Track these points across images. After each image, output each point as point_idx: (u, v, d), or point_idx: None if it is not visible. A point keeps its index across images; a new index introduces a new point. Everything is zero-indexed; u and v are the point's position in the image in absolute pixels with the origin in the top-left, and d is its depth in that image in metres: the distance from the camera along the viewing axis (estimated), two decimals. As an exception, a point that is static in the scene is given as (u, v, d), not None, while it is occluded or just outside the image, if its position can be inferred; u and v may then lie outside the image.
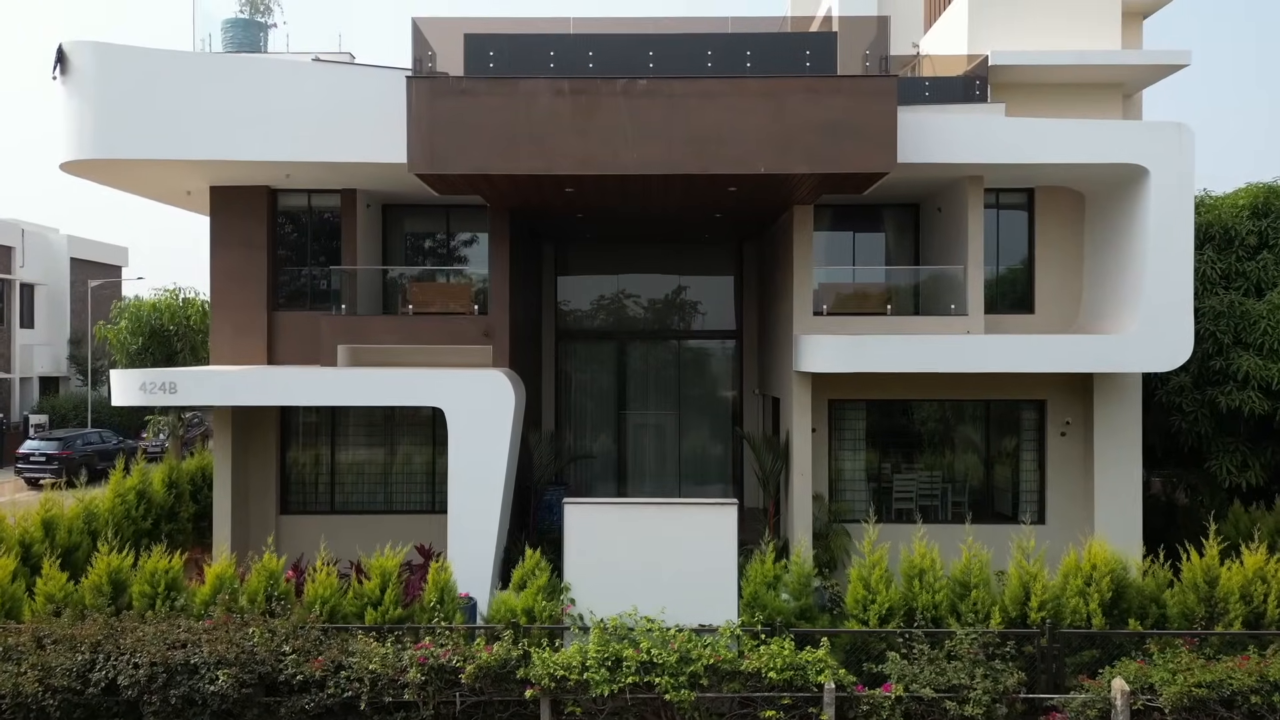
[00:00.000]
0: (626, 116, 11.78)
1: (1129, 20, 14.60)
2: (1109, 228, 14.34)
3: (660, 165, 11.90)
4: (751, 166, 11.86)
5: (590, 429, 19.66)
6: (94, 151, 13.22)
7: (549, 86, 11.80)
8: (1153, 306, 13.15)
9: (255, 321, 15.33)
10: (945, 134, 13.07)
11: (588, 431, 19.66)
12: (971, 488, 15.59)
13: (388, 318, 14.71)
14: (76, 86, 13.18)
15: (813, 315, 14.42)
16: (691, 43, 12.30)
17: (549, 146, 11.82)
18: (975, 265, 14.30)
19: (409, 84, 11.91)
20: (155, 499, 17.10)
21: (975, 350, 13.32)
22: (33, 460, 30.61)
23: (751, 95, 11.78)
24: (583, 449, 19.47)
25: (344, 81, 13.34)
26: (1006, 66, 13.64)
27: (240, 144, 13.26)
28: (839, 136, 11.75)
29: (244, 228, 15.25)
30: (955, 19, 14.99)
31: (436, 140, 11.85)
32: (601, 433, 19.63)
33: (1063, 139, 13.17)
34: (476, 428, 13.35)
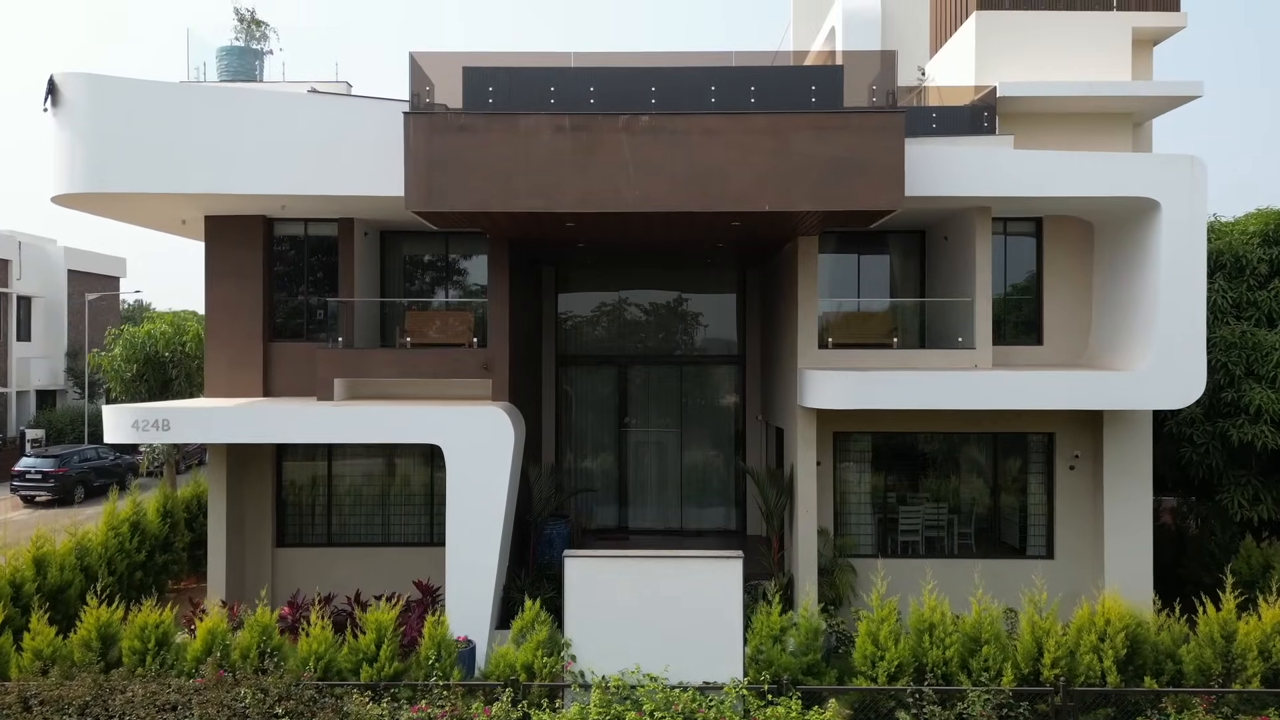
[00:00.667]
0: (628, 153, 11.53)
1: (1139, 47, 14.35)
2: (1119, 259, 14.09)
3: (663, 203, 11.65)
4: (756, 204, 11.61)
5: (591, 454, 19.41)
6: (85, 185, 12.97)
7: (550, 123, 11.56)
8: (1165, 344, 12.90)
9: (251, 353, 15.08)
10: (953, 167, 12.83)
11: (589, 455, 19.42)
12: (978, 520, 15.35)
13: (385, 351, 14.45)
14: (68, 118, 12.94)
15: (818, 349, 14.17)
16: (694, 77, 12.05)
17: (549, 184, 11.57)
18: (983, 298, 14.05)
19: (406, 120, 11.66)
20: (149, 529, 16.88)
21: (984, 387, 13.07)
22: (29, 478, 30.35)
23: (756, 131, 11.53)
24: (584, 476, 19.24)
25: (341, 113, 13.10)
26: (1015, 98, 13.40)
27: (235, 177, 13.02)
28: (845, 173, 11.51)
29: (239, 258, 15.01)
30: (962, 45, 14.74)
31: (435, 178, 11.60)
32: (603, 458, 19.38)
33: (1072, 172, 12.92)
34: (476, 466, 13.12)
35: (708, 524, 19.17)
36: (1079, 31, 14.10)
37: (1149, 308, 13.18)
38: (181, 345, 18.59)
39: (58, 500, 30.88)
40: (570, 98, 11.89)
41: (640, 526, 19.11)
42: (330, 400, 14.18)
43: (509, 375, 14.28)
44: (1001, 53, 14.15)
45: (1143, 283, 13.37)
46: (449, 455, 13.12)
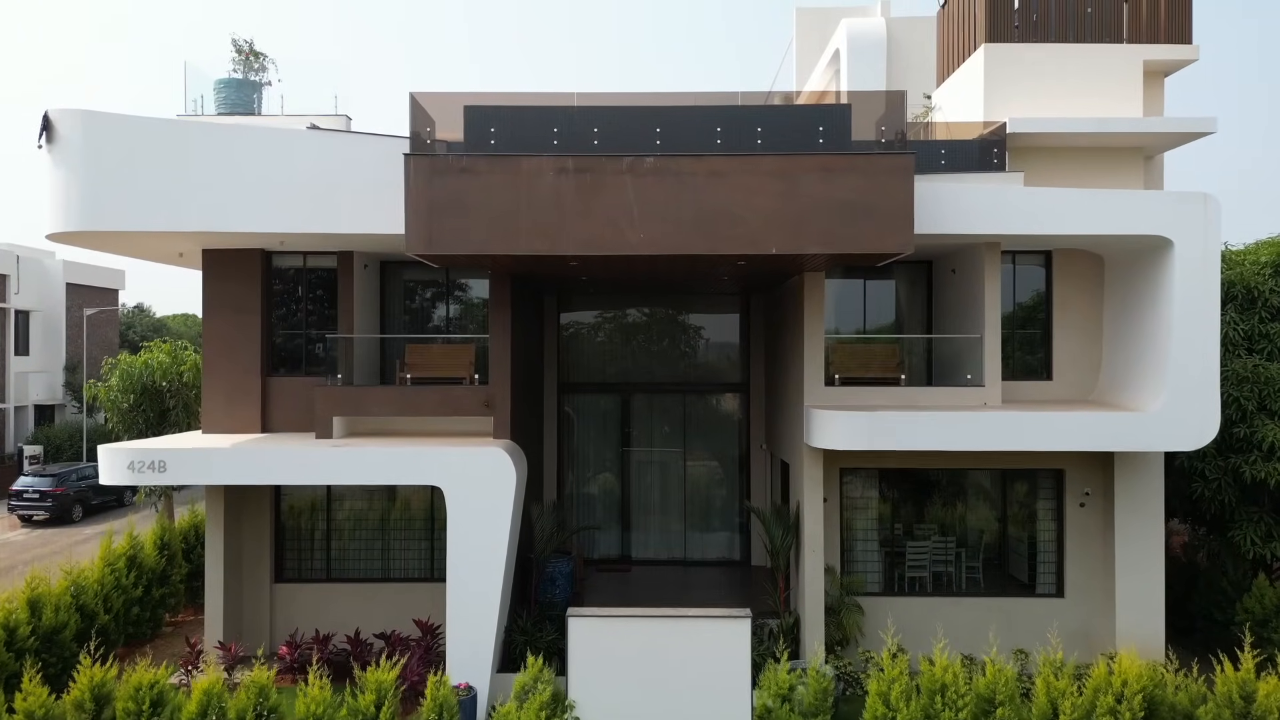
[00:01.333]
0: (633, 195, 11.32)
1: (1150, 78, 14.13)
2: (1130, 294, 13.88)
3: (667, 245, 11.44)
4: (763, 247, 11.40)
5: (594, 481, 19.18)
6: (80, 224, 12.76)
7: (552, 165, 11.34)
8: (1178, 385, 12.68)
9: (248, 388, 14.87)
10: (962, 204, 12.62)
11: (591, 482, 19.19)
12: (987, 555, 15.13)
13: (385, 388, 14.24)
14: (62, 156, 12.72)
15: (824, 385, 13.95)
16: (699, 117, 11.83)
17: (552, 226, 11.36)
18: (992, 334, 13.84)
19: (407, 162, 11.45)
20: (146, 563, 16.68)
21: (995, 429, 12.85)
22: (26, 497, 30.15)
23: (762, 174, 11.31)
24: (586, 503, 19.03)
25: (340, 149, 12.89)
26: (1026, 134, 13.18)
27: (232, 215, 12.81)
28: (854, 216, 11.29)
29: (236, 292, 14.80)
30: (970, 77, 14.53)
31: (435, 221, 11.39)
32: (605, 485, 19.15)
33: (1084, 210, 12.71)
34: (477, 508, 12.91)
35: (712, 553, 18.95)
36: (1089, 64, 13.88)
37: (1162, 347, 12.96)
38: (179, 375, 18.37)
39: (56, 519, 30.70)
40: (573, 138, 11.68)
41: (643, 556, 18.88)
42: (329, 438, 13.99)
43: (510, 412, 14.06)
44: (1010, 85, 13.93)
45: (1155, 321, 13.15)
46: (450, 498, 12.91)
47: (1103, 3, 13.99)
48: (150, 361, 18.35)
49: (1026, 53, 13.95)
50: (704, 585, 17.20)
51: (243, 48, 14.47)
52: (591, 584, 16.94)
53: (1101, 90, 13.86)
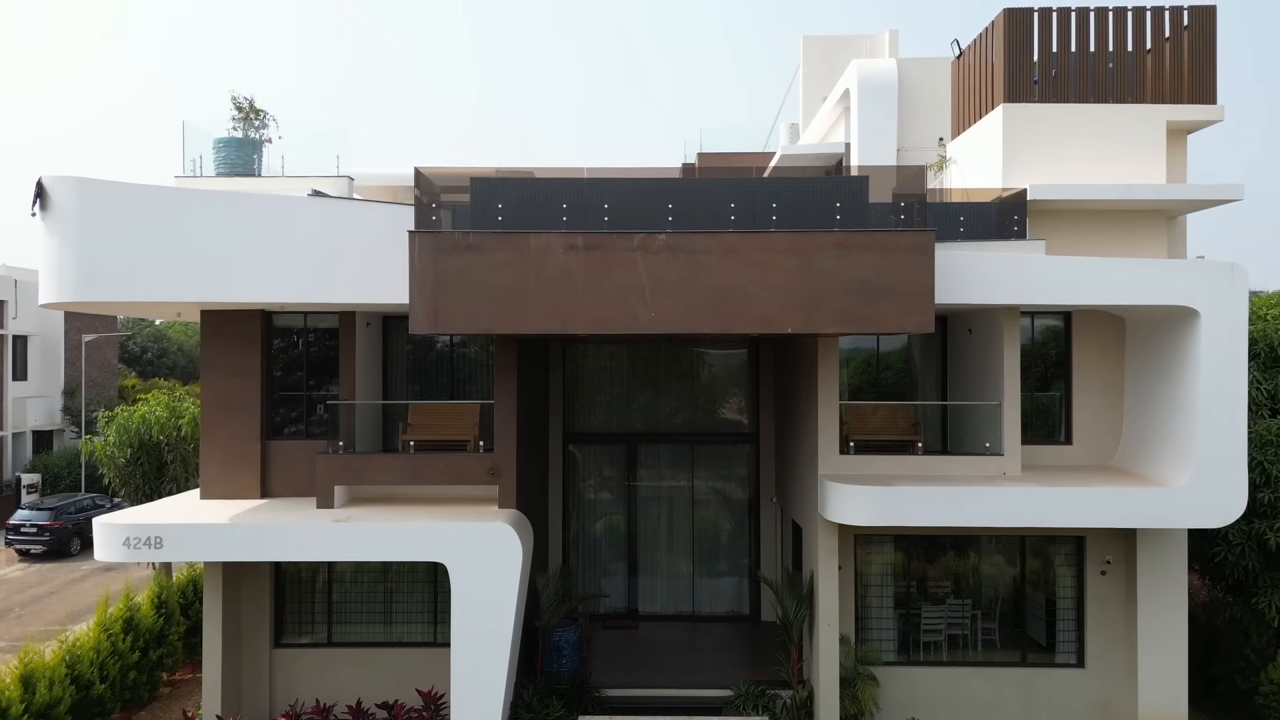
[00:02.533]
0: (644, 273, 10.97)
1: (1173, 135, 13.78)
2: (1153, 361, 13.52)
3: (680, 324, 11.09)
4: (778, 326, 11.05)
5: (600, 534, 18.82)
6: (75, 295, 12.43)
7: (561, 242, 10.99)
8: (1203, 461, 12.33)
9: (248, 452, 14.52)
10: (983, 273, 12.26)
11: (597, 534, 18.82)
12: (1005, 623, 14.77)
13: (388, 456, 13.88)
14: (57, 224, 12.38)
15: (839, 453, 13.59)
16: (712, 191, 11.47)
17: (562, 305, 11.00)
18: (1012, 402, 13.49)
19: (411, 239, 11.10)
20: (143, 625, 16.34)
21: (1015, 504, 12.51)
22: (24, 531, 29.84)
23: (778, 251, 10.96)
24: (591, 549, 18.67)
25: (342, 217, 12.55)
26: (1047, 200, 12.83)
27: (232, 285, 12.47)
28: (872, 295, 10.94)
29: (236, 353, 14.45)
30: (988, 134, 14.17)
31: (440, 299, 11.04)
32: (612, 538, 18.78)
33: (1107, 280, 12.37)
34: (482, 584, 12.57)
35: (720, 607, 18.58)
36: (1111, 125, 13.53)
37: (1186, 421, 12.60)
38: (177, 429, 18.02)
39: (53, 553, 30.35)
40: (583, 213, 11.33)
41: (651, 610, 18.51)
42: (330, 507, 13.64)
43: (516, 480, 13.71)
44: (1029, 146, 13.58)
45: (1180, 392, 12.79)
46: (454, 574, 12.56)
47: (1124, 62, 13.64)
48: (147, 415, 18.00)
49: (1046, 113, 13.61)
50: (713, 647, 16.82)
51: (242, 105, 14.12)
52: (598, 645, 16.56)
53: (1123, 151, 13.51)
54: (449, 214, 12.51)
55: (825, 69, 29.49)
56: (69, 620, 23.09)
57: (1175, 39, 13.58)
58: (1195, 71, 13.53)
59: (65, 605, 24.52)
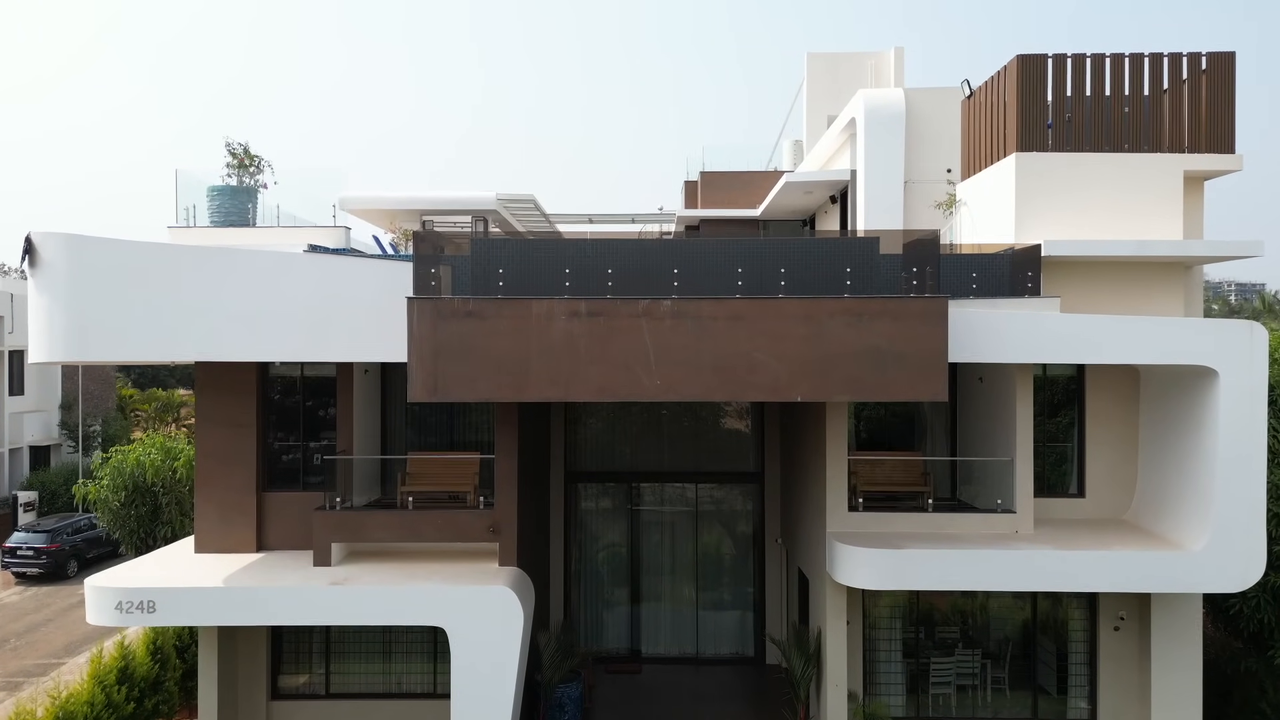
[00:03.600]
0: (649, 340, 10.66)
1: (1190, 182, 13.45)
2: (1169, 415, 13.22)
3: (685, 392, 10.79)
4: (786, 394, 10.74)
5: (603, 575, 18.54)
6: (66, 354, 12.15)
7: (564, 308, 10.67)
8: (1221, 525, 12.03)
9: (244, 504, 14.23)
10: (996, 331, 11.92)
11: (600, 575, 18.54)
12: (1014, 670, 14.50)
13: (387, 513, 13.57)
14: (46, 281, 12.08)
15: (847, 511, 13.30)
16: (718, 254, 11.15)
17: (564, 373, 10.70)
18: (1024, 459, 13.20)
19: (410, 305, 10.80)
20: (138, 672, 16.04)
21: (1028, 569, 12.21)
22: (20, 554, 29.57)
23: (786, 317, 10.65)
24: (593, 598, 18.39)
25: (339, 273, 12.25)
26: (1061, 256, 12.50)
27: (227, 343, 12.17)
28: (883, 363, 10.63)
29: (231, 405, 14.14)
30: (1000, 180, 13.82)
31: (440, 367, 10.74)
32: (614, 579, 18.51)
33: (1123, 338, 12.06)
34: (482, 648, 12.28)
35: (725, 649, 18.29)
36: (1126, 174, 13.19)
37: (1204, 482, 12.31)
38: (172, 472, 17.73)
39: (50, 575, 30.09)
40: (586, 278, 11.01)
41: (654, 653, 18.23)
42: (328, 564, 13.34)
43: (518, 537, 13.41)
44: (1042, 195, 13.24)
45: (1197, 451, 12.49)
46: (454, 639, 12.27)
47: (1141, 109, 13.31)
48: (142, 459, 17.72)
49: (1059, 162, 13.28)
50: (718, 695, 16.56)
51: (236, 151, 13.79)
52: (601, 694, 16.30)
53: (1139, 201, 13.18)
54: (449, 270, 12.20)
55: (830, 86, 29.20)
56: (65, 652, 22.82)
57: (1194, 86, 13.25)
58: (1214, 119, 13.20)
59: (62, 635, 24.25)
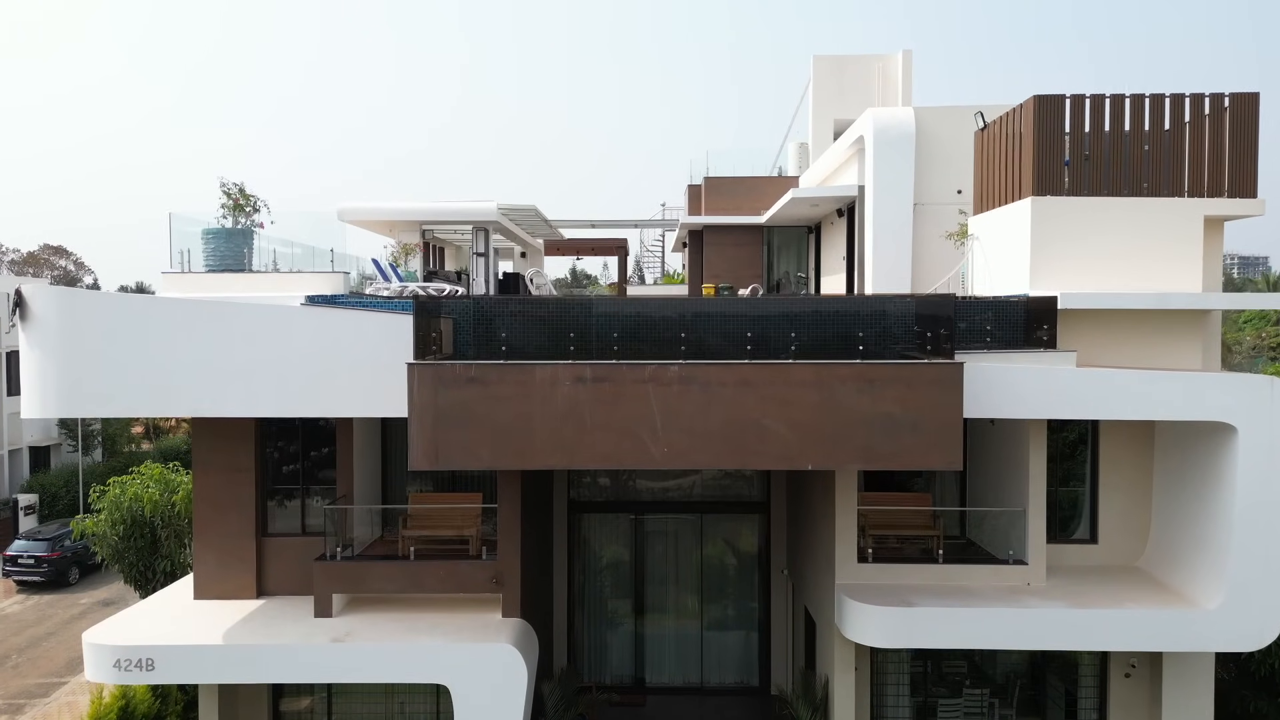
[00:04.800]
0: (656, 406, 10.38)
1: (1210, 224, 13.09)
2: (1186, 466, 12.96)
3: (693, 459, 10.55)
4: (796, 462, 10.50)
5: (607, 601, 18.38)
6: (59, 410, 11.90)
7: (569, 373, 10.39)
8: (1237, 584, 11.81)
9: (243, 550, 14.03)
10: (1011, 385, 11.63)
11: (603, 602, 18.38)
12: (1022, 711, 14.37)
13: (388, 564, 13.36)
14: (38, 337, 11.80)
15: (856, 563, 13.08)
16: (728, 319, 10.84)
17: (569, 440, 10.43)
18: (1037, 509, 12.97)
19: (410, 371, 10.52)
20: (139, 710, 15.94)
21: (1041, 627, 12.03)
22: (21, 563, 29.56)
23: (797, 384, 10.36)
24: (597, 624, 18.25)
25: (338, 327, 11.93)
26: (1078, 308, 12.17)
27: (223, 398, 11.89)
28: (896, 430, 10.36)
29: (229, 450, 13.91)
30: (1015, 222, 13.44)
31: (441, 434, 10.47)
32: (618, 605, 18.35)
33: (1140, 394, 11.79)
34: (485, 706, 12.13)
35: (729, 678, 18.17)
36: (1145, 217, 12.80)
37: (1220, 538, 12.07)
38: (171, 506, 17.52)
39: (52, 583, 30.06)
40: (591, 341, 10.71)
41: (658, 683, 18.11)
42: (329, 615, 13.15)
43: (521, 588, 13.21)
44: (1058, 240, 12.86)
45: (1213, 506, 12.24)
46: (457, 696, 12.13)
47: (1161, 151, 12.91)
48: (139, 493, 17.50)
49: (1077, 206, 12.89)
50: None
51: (231, 191, 13.43)
52: None
53: (1158, 246, 12.81)
54: (450, 322, 11.90)
55: (836, 89, 28.71)
56: (67, 670, 22.81)
57: (1216, 128, 12.84)
58: (1236, 162, 12.81)
59: (64, 650, 24.23)
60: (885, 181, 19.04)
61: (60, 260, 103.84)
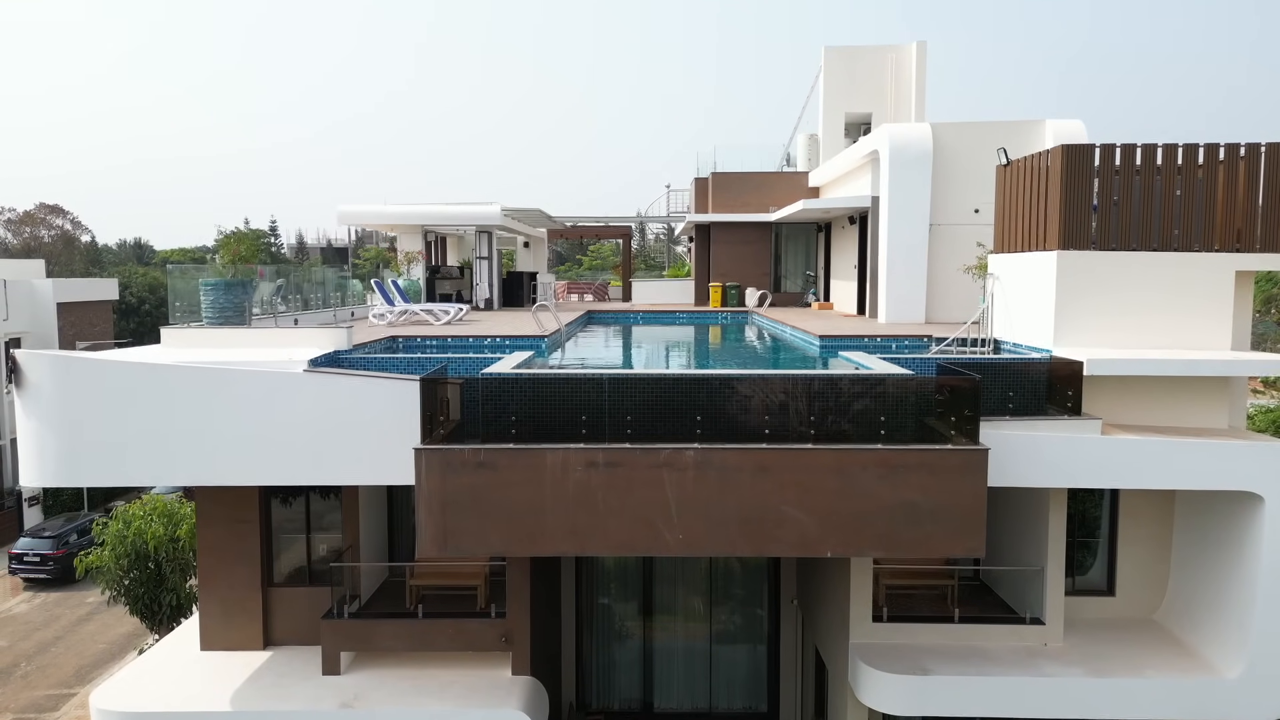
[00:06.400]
0: (670, 492, 10.08)
1: (1241, 278, 12.66)
2: (1209, 527, 12.72)
3: (709, 547, 10.29)
4: (815, 550, 10.21)
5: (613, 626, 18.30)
6: (55, 480, 11.59)
7: (581, 458, 10.07)
8: (1258, 653, 11.63)
9: (249, 602, 13.88)
10: (1034, 453, 11.34)
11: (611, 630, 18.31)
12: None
13: (396, 622, 13.18)
14: (33, 403, 11.45)
15: (871, 622, 12.91)
16: (745, 390, 10.48)
17: (581, 527, 10.14)
18: (1055, 568, 12.78)
19: (417, 456, 10.19)
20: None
21: (1056, 696, 11.88)
22: (27, 560, 29.55)
23: (816, 470, 10.04)
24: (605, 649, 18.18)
25: (342, 392, 11.55)
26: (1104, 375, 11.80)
27: (224, 467, 11.59)
28: (918, 518, 10.06)
29: (232, 503, 13.69)
30: (1040, 274, 13.03)
31: (449, 521, 10.18)
32: (626, 633, 18.27)
33: (1164, 463, 11.48)
34: (497, 772, 12.04)
35: (738, 704, 18.16)
36: (1174, 273, 12.40)
37: (1242, 605, 11.86)
38: (174, 542, 17.33)
39: (58, 580, 30.09)
40: (604, 417, 10.37)
41: (665, 708, 18.11)
42: (336, 673, 13.02)
43: (530, 647, 13.06)
44: (1084, 294, 12.44)
45: (1236, 571, 12.01)
46: (468, 763, 12.03)
47: (1192, 202, 12.44)
48: (142, 528, 17.29)
49: (1104, 261, 12.46)
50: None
51: (229, 242, 13.00)
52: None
53: (1187, 302, 12.42)
54: (458, 389, 11.56)
55: (848, 81, 28.00)
56: (76, 680, 22.87)
57: (1250, 177, 12.36)
58: (1270, 214, 12.35)
59: (73, 657, 24.29)
60: (899, 203, 18.56)
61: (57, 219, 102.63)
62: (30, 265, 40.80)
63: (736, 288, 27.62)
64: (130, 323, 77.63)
